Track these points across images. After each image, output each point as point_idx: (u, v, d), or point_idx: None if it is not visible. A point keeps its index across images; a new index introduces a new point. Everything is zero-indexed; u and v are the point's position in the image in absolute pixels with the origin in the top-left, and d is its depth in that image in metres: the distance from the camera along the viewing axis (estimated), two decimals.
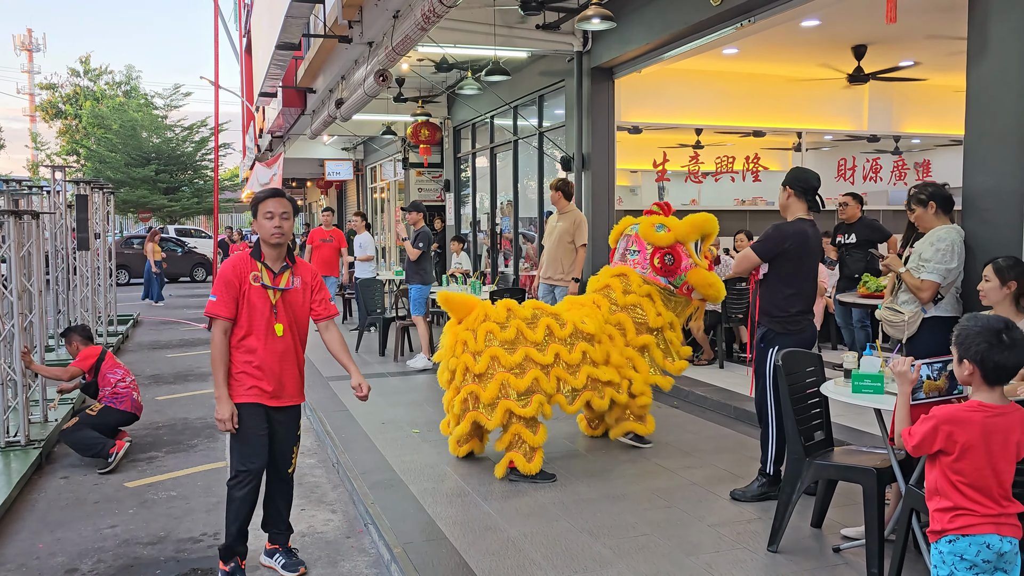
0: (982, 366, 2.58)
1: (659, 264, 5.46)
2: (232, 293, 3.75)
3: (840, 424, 5.35)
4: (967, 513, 2.58)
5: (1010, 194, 4.64)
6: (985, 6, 4.77)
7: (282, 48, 10.68)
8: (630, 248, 5.64)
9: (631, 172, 11.15)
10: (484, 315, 5.11)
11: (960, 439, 2.57)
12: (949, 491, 2.61)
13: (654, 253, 5.48)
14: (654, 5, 8.22)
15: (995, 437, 2.58)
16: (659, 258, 5.46)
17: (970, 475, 2.58)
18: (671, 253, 5.45)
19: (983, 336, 2.58)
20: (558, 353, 5.12)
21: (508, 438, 5.02)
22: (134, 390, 6.14)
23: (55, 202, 9.80)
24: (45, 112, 46.08)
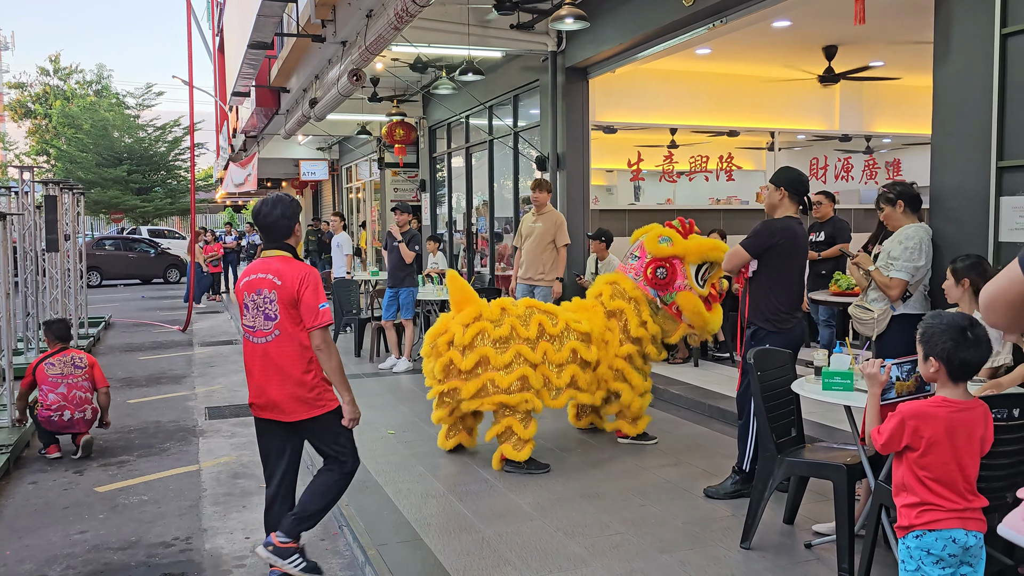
0: (948, 363, 2.62)
1: (651, 275, 5.44)
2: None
3: (811, 421, 5.41)
4: (933, 508, 2.61)
5: (975, 193, 4.71)
6: (949, 8, 4.84)
7: (255, 47, 10.61)
8: (633, 253, 5.64)
9: (606, 171, 11.19)
10: (479, 314, 5.12)
11: (925, 434, 2.61)
12: (915, 486, 2.65)
13: (650, 263, 5.46)
14: (627, 5, 8.25)
15: (959, 432, 2.62)
16: (652, 269, 5.43)
17: (935, 470, 2.62)
18: (665, 267, 5.41)
19: (948, 333, 2.62)
20: (546, 351, 5.13)
21: (498, 429, 5.11)
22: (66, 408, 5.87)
23: (23, 203, 9.65)
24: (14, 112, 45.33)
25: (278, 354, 3.61)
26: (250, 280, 3.66)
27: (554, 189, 10.03)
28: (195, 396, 8.20)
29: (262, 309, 3.61)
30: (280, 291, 3.58)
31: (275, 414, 3.68)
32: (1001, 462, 2.93)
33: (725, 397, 6.68)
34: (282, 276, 3.59)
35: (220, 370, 9.68)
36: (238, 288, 3.73)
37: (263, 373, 3.64)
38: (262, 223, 3.70)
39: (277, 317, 3.59)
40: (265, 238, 3.76)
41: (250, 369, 3.71)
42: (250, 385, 3.73)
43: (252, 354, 3.68)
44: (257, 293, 3.62)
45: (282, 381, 3.61)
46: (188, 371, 9.64)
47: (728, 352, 8.48)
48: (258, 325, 3.63)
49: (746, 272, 4.68)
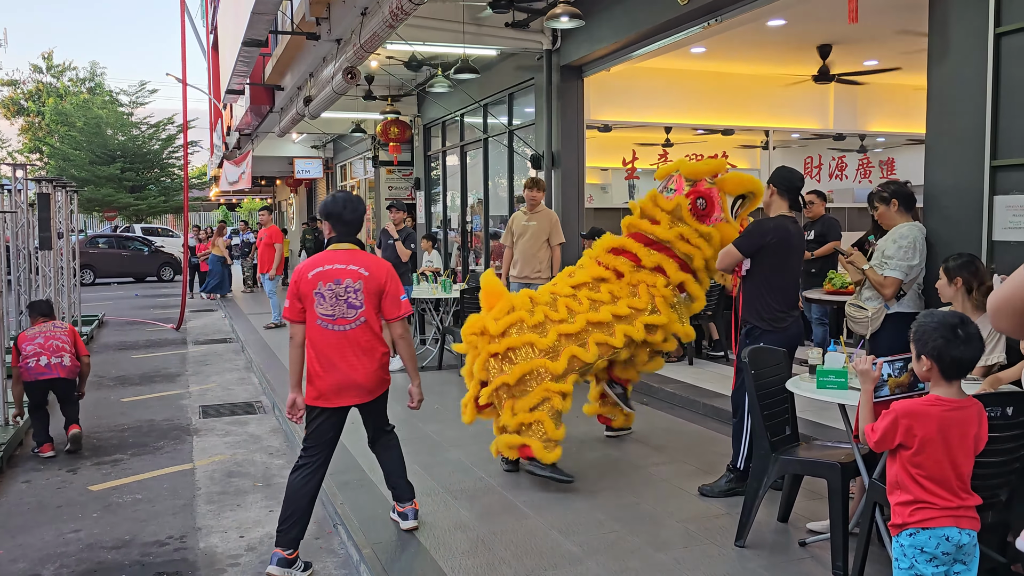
0: (939, 361, 2.63)
1: (691, 206, 5.16)
2: None
3: (805, 419, 5.42)
4: (927, 506, 2.62)
5: (969, 192, 4.72)
6: (944, 8, 4.85)
7: (249, 45, 10.55)
8: (668, 187, 5.33)
9: (601, 170, 11.20)
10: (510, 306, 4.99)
11: (919, 433, 2.62)
12: (909, 484, 2.65)
13: (690, 193, 5.15)
14: (622, 4, 8.25)
15: (953, 431, 2.62)
16: (692, 199, 5.13)
17: (929, 468, 2.62)
18: (705, 197, 5.17)
19: (939, 332, 2.62)
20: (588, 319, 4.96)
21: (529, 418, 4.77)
22: (42, 354, 5.97)
23: (16, 201, 9.61)
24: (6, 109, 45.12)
25: (364, 339, 3.90)
26: (326, 270, 3.86)
27: (549, 188, 10.04)
28: (189, 395, 8.18)
29: (343, 298, 3.86)
30: (367, 281, 3.89)
31: (357, 397, 3.94)
32: (994, 460, 2.94)
33: (719, 396, 6.69)
34: (369, 268, 3.92)
35: (214, 368, 9.66)
36: (305, 278, 3.85)
37: (345, 359, 3.87)
38: (348, 218, 3.98)
39: (362, 305, 3.88)
40: (344, 231, 3.99)
41: (328, 357, 3.86)
42: (325, 374, 3.86)
43: (329, 342, 3.86)
44: (336, 283, 3.85)
45: (369, 363, 3.91)
46: (182, 369, 9.61)
47: (722, 350, 8.49)
48: (338, 313, 3.86)
49: (740, 271, 4.68)
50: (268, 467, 5.72)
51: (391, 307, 3.95)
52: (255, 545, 4.35)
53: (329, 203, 4.04)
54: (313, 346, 3.89)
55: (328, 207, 4.02)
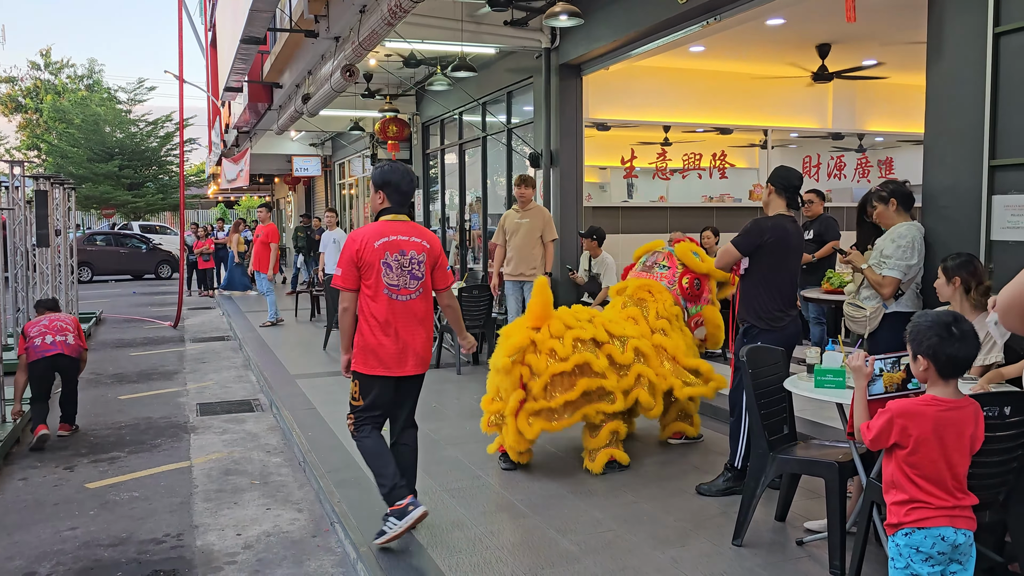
0: (935, 360, 2.62)
1: (687, 286, 5.56)
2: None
3: (803, 418, 5.42)
4: (922, 506, 2.62)
5: (968, 192, 4.72)
6: (943, 7, 4.84)
7: (247, 42, 10.55)
8: (659, 263, 5.72)
9: (599, 169, 11.18)
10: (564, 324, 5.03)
11: (914, 432, 2.62)
12: (905, 484, 2.65)
13: (684, 274, 5.59)
14: (621, 3, 8.24)
15: (949, 430, 2.62)
16: (689, 280, 5.57)
17: (924, 468, 2.62)
18: (700, 280, 5.59)
19: (934, 330, 2.62)
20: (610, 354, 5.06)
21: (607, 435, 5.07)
22: (47, 333, 6.25)
23: (14, 198, 9.59)
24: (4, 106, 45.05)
25: (422, 310, 4.03)
26: (392, 240, 3.94)
27: (547, 186, 10.03)
28: (186, 392, 8.18)
29: (407, 269, 3.96)
30: (428, 253, 4.03)
31: (416, 366, 4.03)
32: (992, 460, 2.94)
33: (717, 395, 6.68)
34: (429, 240, 4.05)
35: (212, 366, 9.65)
36: (371, 247, 3.89)
37: (409, 329, 3.97)
38: (406, 189, 4.05)
39: (423, 276, 4.01)
40: (399, 201, 4.05)
41: (392, 326, 3.94)
42: (389, 345, 3.93)
43: (395, 312, 3.95)
44: (401, 254, 3.95)
45: (425, 334, 4.05)
46: (180, 367, 9.60)
47: (720, 349, 8.48)
48: (403, 283, 3.96)
49: (738, 270, 4.68)
50: (266, 465, 5.72)
51: (442, 278, 4.12)
52: (252, 543, 4.35)
53: (387, 171, 4.04)
54: (376, 316, 3.93)
55: (387, 175, 4.03)
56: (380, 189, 4.06)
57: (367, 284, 3.94)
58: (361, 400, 4.05)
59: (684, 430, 5.72)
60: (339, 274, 3.96)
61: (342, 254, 4.00)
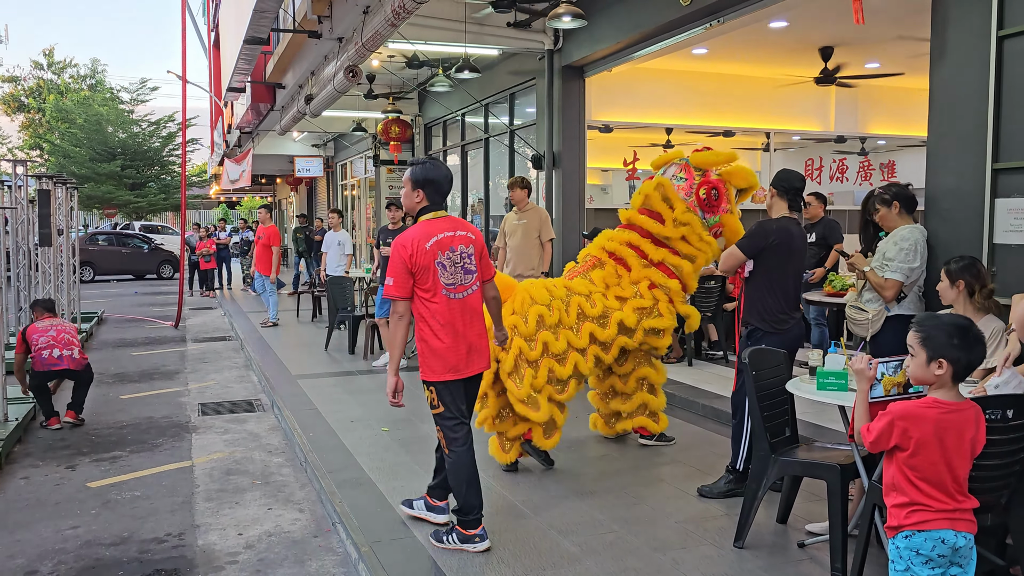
0: (956, 364, 2.63)
1: (704, 196, 5.21)
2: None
3: (805, 421, 5.42)
4: (922, 508, 2.62)
5: (970, 194, 4.72)
6: (946, 11, 4.84)
7: (250, 43, 10.56)
8: (677, 175, 5.35)
9: (602, 171, 11.19)
10: (530, 298, 5.01)
11: (914, 435, 2.62)
12: (905, 486, 2.65)
13: (701, 183, 5.21)
14: (624, 4, 8.25)
15: (949, 433, 2.62)
16: (706, 189, 5.20)
17: (924, 470, 2.62)
18: (717, 188, 5.23)
19: (956, 335, 2.63)
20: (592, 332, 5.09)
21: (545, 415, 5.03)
22: (55, 346, 6.46)
23: (16, 197, 9.61)
24: (7, 105, 45.15)
25: (478, 304, 3.94)
26: (440, 239, 3.80)
27: (549, 188, 10.04)
28: (188, 392, 8.18)
29: (459, 264, 3.84)
30: (476, 244, 3.93)
31: (482, 363, 3.96)
32: (994, 463, 2.94)
33: (719, 396, 6.69)
34: (472, 231, 3.95)
35: (213, 366, 9.65)
36: (423, 250, 3.74)
37: (469, 326, 3.87)
38: (447, 188, 3.96)
39: (475, 270, 3.91)
40: (439, 198, 3.94)
41: (454, 326, 3.82)
42: (453, 346, 3.82)
43: (454, 311, 3.83)
44: (452, 251, 3.82)
45: (483, 329, 3.96)
46: (181, 367, 9.61)
47: (721, 351, 8.49)
48: (458, 280, 3.84)
49: (742, 272, 4.68)
50: (267, 465, 5.72)
51: (487, 267, 4.01)
52: (253, 543, 4.35)
53: (429, 169, 3.91)
54: (436, 318, 3.79)
55: (428, 173, 3.89)
56: (420, 188, 3.90)
57: (423, 288, 3.78)
58: (441, 406, 3.90)
59: (647, 425, 5.68)
60: (391, 284, 3.76)
61: (392, 262, 3.80)
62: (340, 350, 9.86)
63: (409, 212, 4.01)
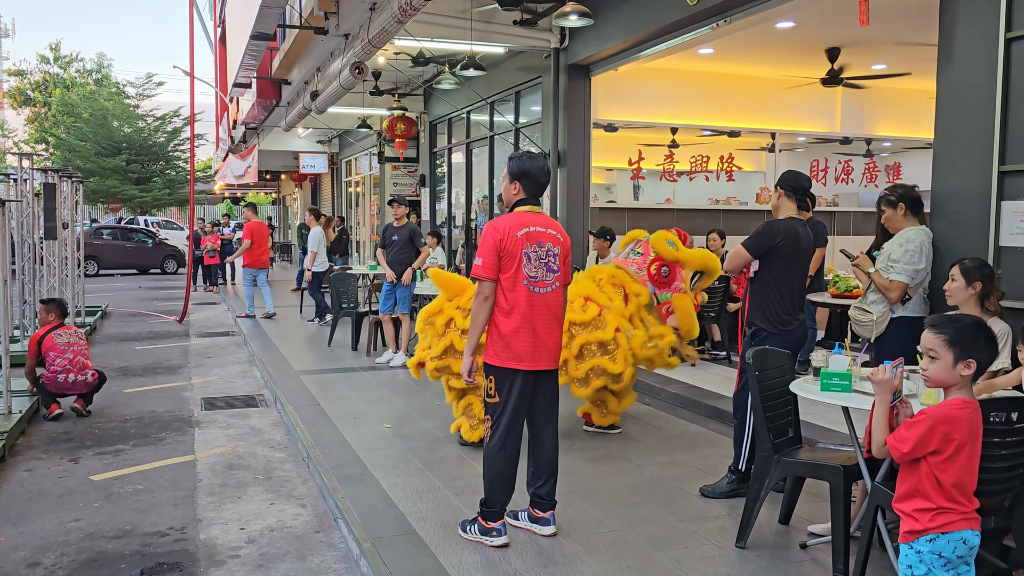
0: (981, 364, 2.65)
1: (655, 272, 5.68)
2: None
3: (808, 422, 5.41)
4: (947, 511, 2.59)
5: (976, 197, 4.71)
6: (954, 13, 4.84)
7: (257, 38, 10.57)
8: (635, 250, 5.86)
9: (607, 170, 11.19)
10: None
11: (956, 437, 2.59)
12: (931, 491, 2.61)
13: (654, 260, 5.70)
14: (631, 3, 8.24)
15: (976, 432, 2.63)
16: (656, 267, 5.68)
17: (956, 474, 2.59)
18: (669, 267, 5.66)
19: (982, 335, 2.64)
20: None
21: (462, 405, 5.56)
22: (71, 371, 6.67)
23: (22, 190, 9.63)
24: (13, 99, 45.23)
25: (557, 304, 3.96)
26: (530, 232, 3.87)
27: (554, 186, 10.03)
28: (191, 387, 8.19)
29: (544, 261, 3.88)
30: (563, 246, 3.98)
31: (548, 361, 3.94)
32: (999, 465, 2.93)
33: (721, 396, 6.69)
34: (562, 233, 4.00)
35: (216, 361, 9.67)
36: (514, 236, 3.81)
37: (546, 323, 3.90)
38: (543, 180, 3.97)
39: (558, 270, 3.94)
40: (534, 192, 3.97)
41: (531, 321, 3.85)
42: (525, 338, 3.85)
43: (534, 305, 3.87)
44: (539, 245, 3.87)
45: (557, 328, 3.97)
46: (184, 361, 9.62)
47: (724, 351, 8.48)
48: (540, 276, 3.88)
49: (747, 272, 4.67)
50: (269, 460, 5.73)
51: (568, 271, 4.04)
52: (255, 537, 4.35)
53: (526, 161, 3.94)
54: (513, 306, 3.84)
55: (524, 165, 3.92)
56: (517, 180, 3.95)
57: (506, 275, 3.84)
58: (496, 396, 3.94)
59: (591, 413, 5.95)
60: (479, 264, 3.84)
61: (483, 243, 3.86)
62: (343, 346, 9.87)
63: (507, 204, 4.06)
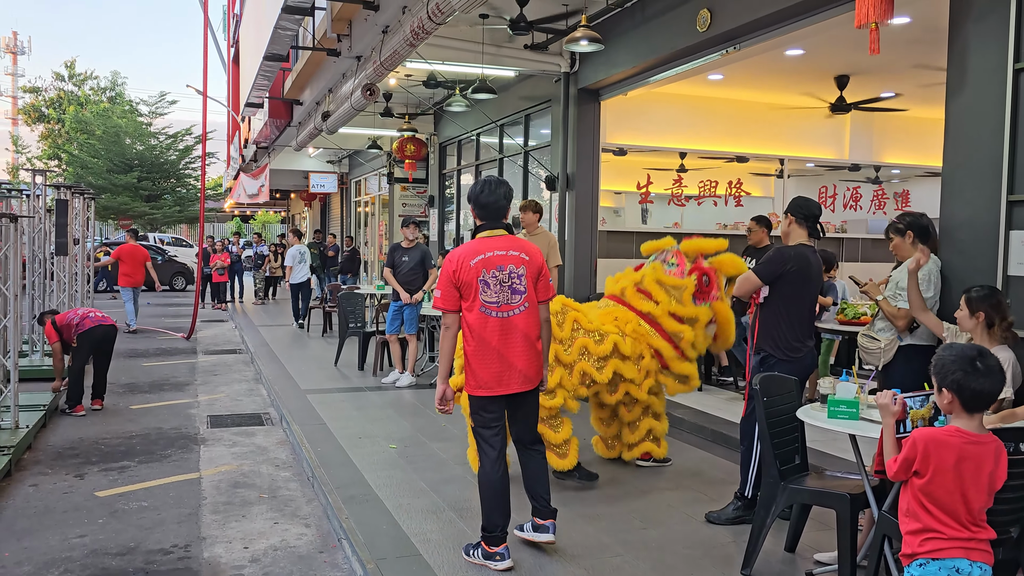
0: (960, 394, 2.63)
1: (696, 282, 5.38)
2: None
3: (814, 449, 5.38)
4: (936, 536, 2.61)
5: (985, 225, 4.71)
6: (964, 42, 4.86)
7: (270, 59, 10.69)
8: (668, 260, 5.52)
9: (615, 193, 11.22)
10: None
11: (933, 461, 2.62)
12: (919, 512, 2.66)
13: (693, 270, 5.40)
14: (641, 29, 8.31)
15: (968, 464, 2.62)
16: (697, 276, 5.38)
17: (939, 497, 2.62)
18: (708, 275, 5.41)
19: (958, 364, 2.63)
20: (585, 346, 5.17)
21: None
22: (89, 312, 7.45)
23: (34, 206, 9.71)
24: (28, 116, 45.74)
25: (526, 324, 3.93)
26: (487, 258, 3.89)
27: (563, 209, 10.07)
28: (197, 404, 8.20)
29: (507, 284, 3.90)
30: (529, 266, 3.95)
31: (520, 384, 3.93)
32: (1006, 496, 2.91)
33: (728, 422, 6.66)
34: (528, 252, 3.97)
35: (223, 379, 9.68)
36: (467, 266, 3.87)
37: (508, 345, 3.88)
38: (485, 202, 4.00)
39: (526, 291, 3.93)
40: (486, 217, 4.02)
41: (491, 344, 3.88)
42: (490, 363, 3.89)
43: (493, 329, 3.88)
44: (499, 269, 3.89)
45: (528, 349, 3.93)
46: (191, 379, 9.64)
47: (731, 376, 8.46)
48: (503, 300, 3.89)
49: (757, 298, 4.67)
50: (274, 479, 5.72)
51: (544, 288, 4.03)
52: (259, 556, 4.34)
53: (474, 188, 4.07)
54: (473, 334, 3.89)
55: (472, 191, 4.07)
56: (471, 206, 4.07)
57: (466, 304, 3.91)
58: (472, 420, 4.09)
59: (651, 450, 5.73)
60: (438, 296, 3.96)
61: (441, 275, 3.98)
62: (349, 366, 9.88)
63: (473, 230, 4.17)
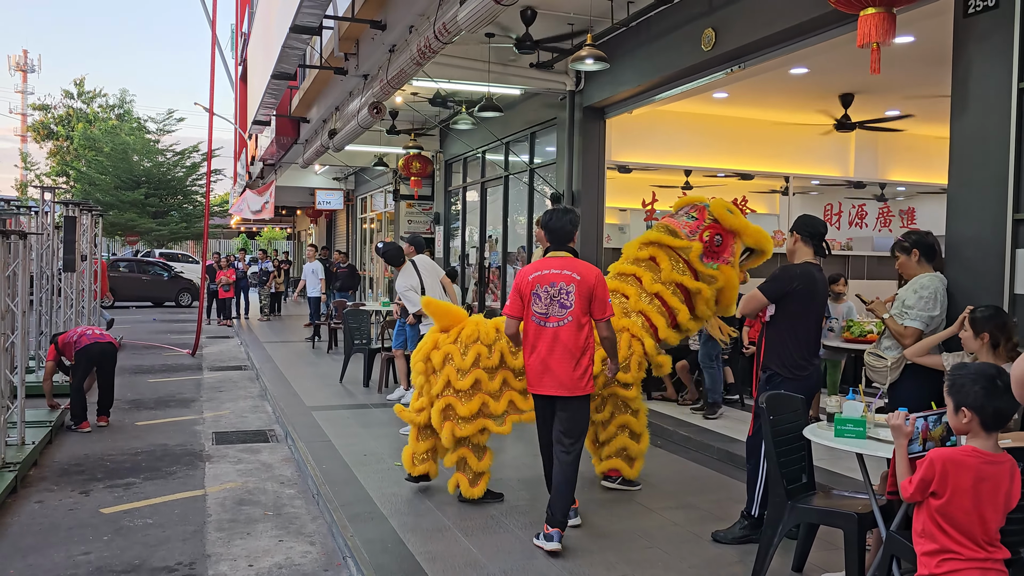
0: (981, 412, 2.62)
1: (708, 239, 5.27)
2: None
3: (821, 468, 5.35)
4: (953, 557, 2.59)
5: (991, 244, 4.71)
6: (968, 61, 4.88)
7: (278, 77, 10.78)
8: (690, 213, 5.42)
9: (620, 211, 11.24)
10: (476, 335, 5.14)
11: (951, 482, 2.60)
12: (935, 533, 2.63)
13: (709, 227, 5.28)
14: (647, 48, 8.36)
15: (986, 484, 2.61)
16: (710, 234, 5.27)
17: (956, 518, 2.60)
18: (723, 236, 5.29)
19: (979, 383, 2.62)
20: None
21: (455, 457, 5.19)
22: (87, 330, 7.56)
23: (43, 223, 9.76)
24: (37, 133, 46.05)
25: (567, 336, 4.43)
26: (543, 274, 4.50)
27: None
28: (203, 420, 8.20)
29: (556, 299, 4.45)
30: (579, 285, 4.43)
31: (554, 387, 4.45)
32: (1017, 516, 2.89)
33: (734, 440, 6.63)
34: (581, 273, 4.46)
35: (229, 395, 9.68)
36: (526, 280, 4.52)
37: (550, 352, 4.44)
38: (553, 227, 4.63)
39: (572, 306, 4.43)
40: (553, 240, 4.65)
41: (535, 346, 4.49)
42: (533, 365, 4.51)
43: (540, 336, 4.48)
44: (551, 285, 4.46)
45: (566, 358, 4.42)
46: (197, 395, 9.65)
47: (737, 394, 8.42)
48: (551, 312, 4.46)
49: (763, 316, 4.66)
50: (279, 496, 5.71)
51: (599, 309, 4.45)
52: (264, 574, 4.33)
53: (547, 215, 4.72)
54: (527, 339, 4.55)
55: (545, 218, 4.74)
56: (543, 230, 4.72)
57: (525, 313, 4.55)
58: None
59: (620, 468, 5.56)
60: (507, 304, 4.63)
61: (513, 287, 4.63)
62: (355, 383, 9.88)
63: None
